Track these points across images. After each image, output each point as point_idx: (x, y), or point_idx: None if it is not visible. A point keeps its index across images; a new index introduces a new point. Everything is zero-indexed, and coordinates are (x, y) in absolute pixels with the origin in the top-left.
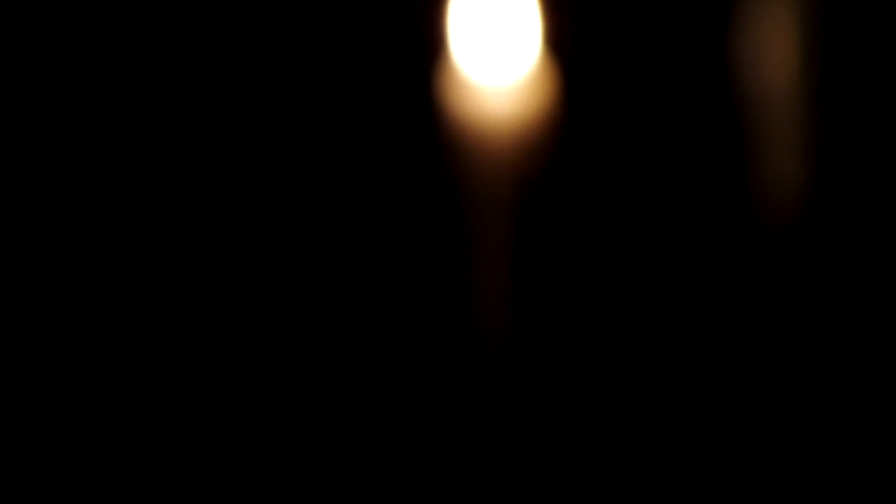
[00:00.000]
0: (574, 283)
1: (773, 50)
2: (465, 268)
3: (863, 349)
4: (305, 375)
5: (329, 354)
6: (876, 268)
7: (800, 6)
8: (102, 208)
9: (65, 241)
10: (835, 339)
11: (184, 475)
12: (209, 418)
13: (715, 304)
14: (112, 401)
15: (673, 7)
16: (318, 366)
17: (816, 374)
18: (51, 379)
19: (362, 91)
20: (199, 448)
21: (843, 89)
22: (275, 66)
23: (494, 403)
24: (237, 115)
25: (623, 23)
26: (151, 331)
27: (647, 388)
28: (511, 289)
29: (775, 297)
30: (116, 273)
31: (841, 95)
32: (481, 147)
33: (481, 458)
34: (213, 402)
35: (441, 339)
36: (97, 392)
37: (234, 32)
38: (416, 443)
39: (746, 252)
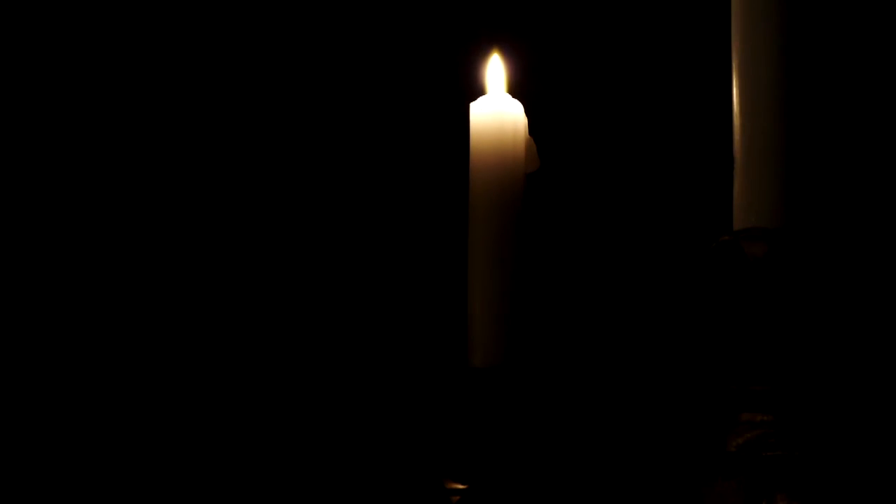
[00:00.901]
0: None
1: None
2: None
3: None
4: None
5: (326, 357)
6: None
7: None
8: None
9: (65, 240)
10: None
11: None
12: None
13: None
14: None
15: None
16: (312, 370)
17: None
18: (51, 379)
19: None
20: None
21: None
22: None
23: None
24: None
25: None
26: (150, 330)
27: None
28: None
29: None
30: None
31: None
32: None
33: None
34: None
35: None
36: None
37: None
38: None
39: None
